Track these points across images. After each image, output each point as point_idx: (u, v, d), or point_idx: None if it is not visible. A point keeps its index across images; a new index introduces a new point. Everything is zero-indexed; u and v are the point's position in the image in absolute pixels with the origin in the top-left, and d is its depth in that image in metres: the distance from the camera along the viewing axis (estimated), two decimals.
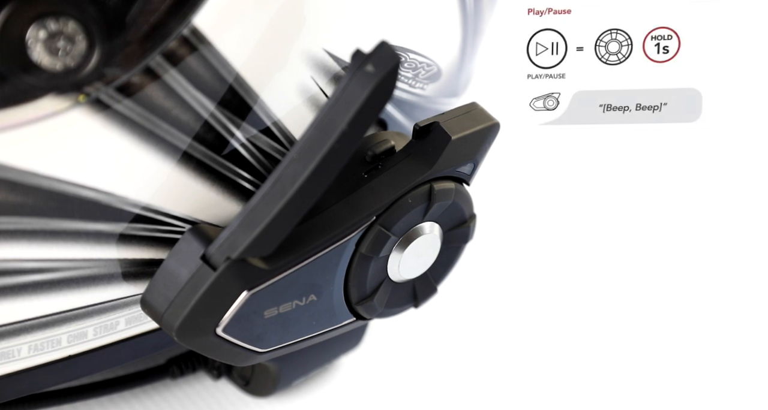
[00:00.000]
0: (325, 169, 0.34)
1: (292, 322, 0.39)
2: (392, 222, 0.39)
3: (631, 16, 0.47)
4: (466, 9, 0.42)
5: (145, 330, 0.40)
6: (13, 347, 0.37)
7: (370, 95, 0.33)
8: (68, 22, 0.32)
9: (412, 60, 0.41)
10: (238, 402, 0.47)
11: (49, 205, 0.34)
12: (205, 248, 0.36)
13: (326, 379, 0.49)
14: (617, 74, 0.47)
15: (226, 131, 0.36)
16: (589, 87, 0.47)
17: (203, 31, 0.34)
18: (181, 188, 0.36)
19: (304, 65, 0.37)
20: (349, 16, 0.37)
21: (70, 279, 0.36)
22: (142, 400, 0.47)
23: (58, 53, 0.32)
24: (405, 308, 0.43)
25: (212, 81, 0.35)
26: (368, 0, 0.38)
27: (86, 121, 0.33)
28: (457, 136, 0.39)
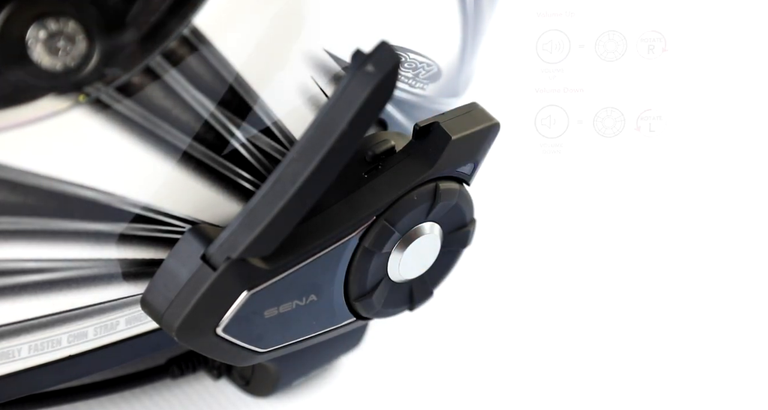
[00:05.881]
0: (326, 168, 0.34)
1: (292, 322, 0.39)
2: (397, 219, 0.39)
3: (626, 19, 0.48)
4: (466, 9, 0.42)
5: (145, 330, 0.40)
6: (13, 347, 0.37)
7: (370, 95, 0.33)
8: (68, 22, 0.32)
9: (412, 60, 0.41)
10: (238, 402, 0.47)
11: (49, 204, 0.34)
12: (205, 248, 0.36)
13: (326, 379, 0.49)
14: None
15: (226, 131, 0.36)
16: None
17: (203, 31, 0.34)
18: (181, 188, 0.36)
19: (304, 65, 0.37)
20: (349, 16, 0.37)
21: (70, 279, 0.36)
22: (142, 400, 0.47)
23: (58, 53, 0.32)
24: (401, 309, 0.43)
25: (212, 81, 0.35)
26: (368, 0, 0.38)
27: (86, 121, 0.33)
28: (457, 136, 0.39)
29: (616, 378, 0.50)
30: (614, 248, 0.58)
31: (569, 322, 0.53)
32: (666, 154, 0.59)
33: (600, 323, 0.53)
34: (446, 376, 0.50)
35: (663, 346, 0.52)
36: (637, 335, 0.53)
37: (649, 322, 0.53)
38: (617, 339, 0.52)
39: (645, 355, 0.51)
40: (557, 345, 0.52)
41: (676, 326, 0.53)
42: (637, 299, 0.55)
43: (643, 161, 0.61)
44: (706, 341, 0.52)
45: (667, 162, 0.61)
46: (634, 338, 0.52)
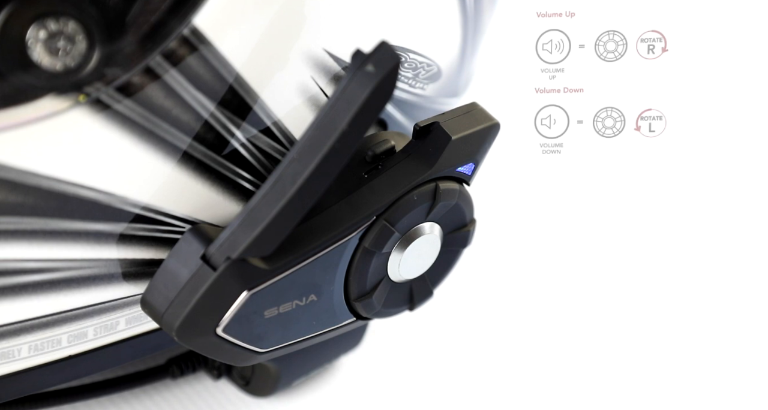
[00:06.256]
0: (326, 169, 0.34)
1: (293, 322, 0.39)
2: (397, 219, 0.39)
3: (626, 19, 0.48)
4: (466, 9, 0.42)
5: (145, 330, 0.40)
6: (13, 347, 0.37)
7: (370, 95, 0.33)
8: (68, 22, 0.32)
9: (412, 60, 0.41)
10: (238, 402, 0.47)
11: (49, 204, 0.34)
12: (205, 248, 0.36)
13: (326, 379, 0.49)
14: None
15: (226, 131, 0.36)
16: None
17: (203, 31, 0.34)
18: (181, 188, 0.36)
19: (304, 65, 0.37)
20: (349, 16, 0.37)
21: (70, 279, 0.36)
22: (142, 400, 0.47)
23: (58, 53, 0.32)
24: (401, 309, 0.43)
25: (212, 81, 0.35)
26: (368, 0, 0.38)
27: (86, 121, 0.33)
28: (457, 136, 0.39)
29: (616, 378, 0.50)
30: (614, 248, 0.58)
31: (569, 322, 0.53)
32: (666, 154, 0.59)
33: (600, 323, 0.53)
34: (446, 376, 0.50)
35: (663, 346, 0.52)
36: (637, 335, 0.53)
37: (648, 322, 0.53)
38: (617, 339, 0.52)
39: (645, 355, 0.51)
40: (557, 345, 0.52)
41: (676, 326, 0.53)
42: (637, 299, 0.55)
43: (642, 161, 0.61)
44: (706, 341, 0.52)
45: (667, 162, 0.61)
46: (633, 338, 0.52)
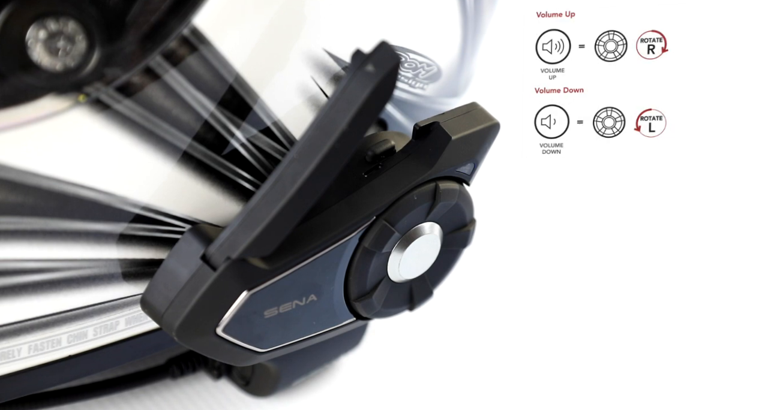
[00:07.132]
0: (325, 169, 0.34)
1: (293, 322, 0.39)
2: (396, 219, 0.39)
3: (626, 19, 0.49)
4: (466, 9, 0.42)
5: (145, 330, 0.40)
6: (13, 347, 0.37)
7: (370, 95, 0.33)
8: (68, 22, 0.32)
9: (412, 60, 0.41)
10: (238, 402, 0.47)
11: (49, 204, 0.34)
12: (205, 248, 0.36)
13: (326, 379, 0.49)
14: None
15: (226, 131, 0.36)
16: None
17: (203, 31, 0.34)
18: (181, 188, 0.36)
19: (304, 65, 0.37)
20: (349, 16, 0.37)
21: (70, 279, 0.36)
22: (142, 400, 0.47)
23: (58, 53, 0.32)
24: (401, 309, 0.43)
25: (212, 81, 0.35)
26: (368, 0, 0.38)
27: (86, 121, 0.33)
28: (457, 136, 0.39)
29: (616, 378, 0.50)
30: (614, 248, 0.58)
31: (569, 322, 0.53)
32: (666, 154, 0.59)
33: (599, 323, 0.53)
34: (446, 376, 0.50)
35: (662, 346, 0.52)
36: (637, 335, 0.53)
37: (648, 322, 0.53)
38: (617, 339, 0.52)
39: (644, 355, 0.51)
40: (557, 345, 0.52)
41: (675, 326, 0.53)
42: (637, 299, 0.55)
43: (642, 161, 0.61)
44: (706, 341, 0.52)
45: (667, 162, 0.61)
46: (633, 338, 0.52)
